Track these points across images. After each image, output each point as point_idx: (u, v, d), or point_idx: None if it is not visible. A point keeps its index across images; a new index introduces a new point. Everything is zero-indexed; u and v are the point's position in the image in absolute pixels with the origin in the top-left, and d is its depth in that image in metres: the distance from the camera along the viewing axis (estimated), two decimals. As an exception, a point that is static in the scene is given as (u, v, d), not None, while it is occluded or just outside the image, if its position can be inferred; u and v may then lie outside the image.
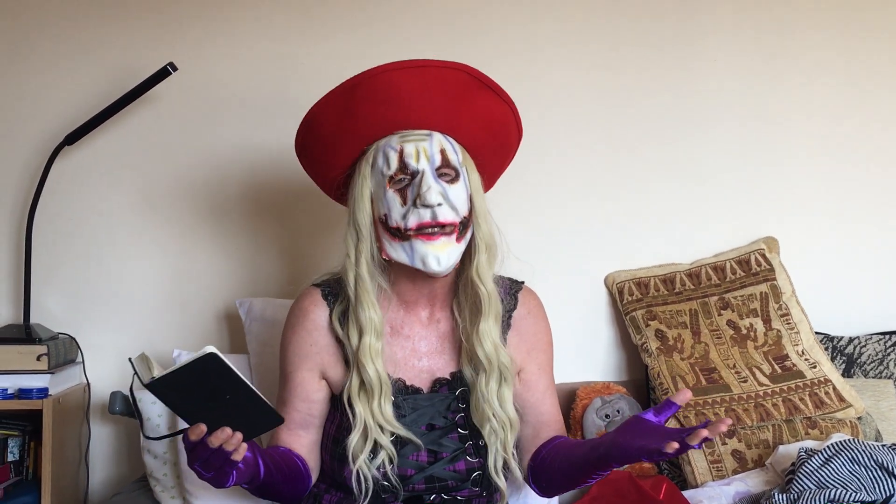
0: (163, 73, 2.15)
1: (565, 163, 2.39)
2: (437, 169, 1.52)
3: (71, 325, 2.31)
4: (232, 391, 1.26)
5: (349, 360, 1.57)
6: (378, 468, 1.51)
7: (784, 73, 2.43)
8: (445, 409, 1.57)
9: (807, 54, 2.44)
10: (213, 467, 1.32)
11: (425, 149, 1.52)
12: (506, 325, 1.64)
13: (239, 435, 1.29)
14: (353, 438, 1.51)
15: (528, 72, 2.38)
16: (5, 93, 2.35)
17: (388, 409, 1.52)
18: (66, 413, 2.19)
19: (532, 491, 1.71)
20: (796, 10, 2.44)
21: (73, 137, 2.22)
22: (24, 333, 2.17)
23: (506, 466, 1.58)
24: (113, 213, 2.36)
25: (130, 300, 2.34)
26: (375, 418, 1.51)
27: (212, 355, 1.22)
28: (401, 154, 1.52)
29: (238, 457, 1.31)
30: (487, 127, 1.61)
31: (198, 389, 1.24)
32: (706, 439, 1.29)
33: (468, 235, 1.55)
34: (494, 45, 2.37)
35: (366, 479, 1.50)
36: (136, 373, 1.25)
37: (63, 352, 2.22)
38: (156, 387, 1.23)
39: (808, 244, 2.42)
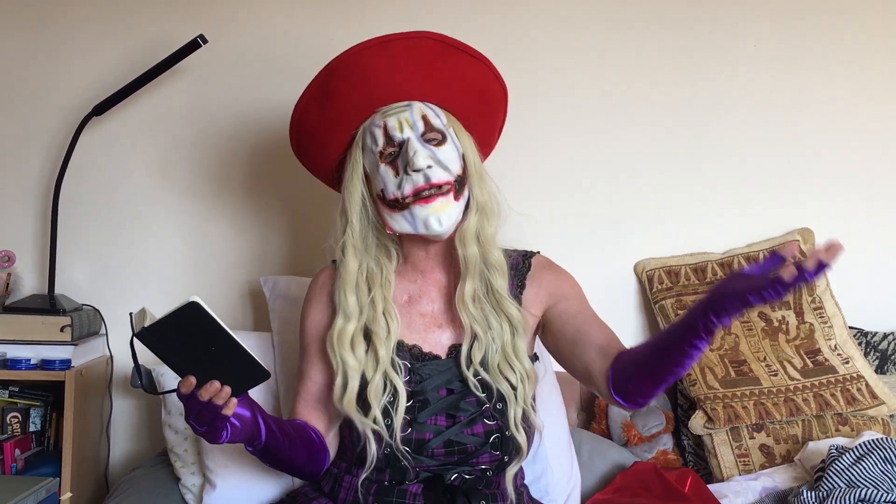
0: (193, 46, 2.13)
1: (595, 147, 2.35)
2: (423, 134, 1.54)
3: (95, 297, 2.32)
4: (217, 343, 1.27)
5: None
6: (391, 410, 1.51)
7: (822, 61, 2.37)
8: (462, 374, 1.56)
9: (846, 40, 2.38)
10: (205, 421, 1.34)
11: (406, 118, 1.55)
12: (519, 286, 1.63)
13: (227, 389, 1.31)
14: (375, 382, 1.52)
15: (554, 52, 2.34)
16: (35, 63, 2.35)
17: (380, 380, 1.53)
18: (89, 385, 2.19)
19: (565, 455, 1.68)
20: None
21: (101, 108, 2.21)
22: (48, 304, 2.17)
23: (525, 419, 1.56)
24: (140, 184, 2.35)
25: (156, 274, 2.34)
26: (381, 362, 1.53)
27: (194, 304, 1.23)
28: (385, 128, 1.55)
29: (228, 411, 1.32)
30: (467, 88, 1.62)
31: (184, 340, 1.26)
32: (823, 265, 1.15)
33: (466, 193, 1.56)
34: (520, 20, 2.33)
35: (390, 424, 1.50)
36: (132, 325, 1.27)
37: (87, 323, 2.22)
38: (144, 336, 1.25)
39: (844, 236, 2.35)
